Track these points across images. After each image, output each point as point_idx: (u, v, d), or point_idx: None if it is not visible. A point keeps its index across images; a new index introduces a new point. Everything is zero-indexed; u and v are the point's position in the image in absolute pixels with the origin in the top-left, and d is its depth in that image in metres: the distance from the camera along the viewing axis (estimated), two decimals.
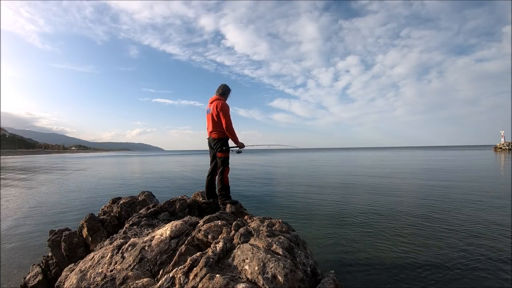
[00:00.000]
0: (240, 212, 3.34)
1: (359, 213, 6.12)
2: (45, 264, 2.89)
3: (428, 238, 4.42)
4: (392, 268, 3.35)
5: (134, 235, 2.47)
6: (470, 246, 4.02)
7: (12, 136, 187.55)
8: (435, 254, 3.75)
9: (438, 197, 7.78)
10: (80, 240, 2.98)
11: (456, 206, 6.64)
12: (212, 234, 2.14)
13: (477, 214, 5.81)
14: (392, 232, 4.76)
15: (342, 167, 21.25)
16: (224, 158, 3.50)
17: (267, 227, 2.20)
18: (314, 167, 21.84)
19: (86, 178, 15.54)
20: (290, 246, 1.89)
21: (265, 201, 7.86)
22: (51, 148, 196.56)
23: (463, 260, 3.54)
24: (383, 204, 7.04)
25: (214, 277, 1.53)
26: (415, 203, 7.09)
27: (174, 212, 3.23)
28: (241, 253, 1.76)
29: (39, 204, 7.95)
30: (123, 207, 3.52)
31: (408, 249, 3.96)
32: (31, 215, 6.60)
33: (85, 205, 7.60)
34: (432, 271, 3.26)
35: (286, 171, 18.21)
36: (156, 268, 1.90)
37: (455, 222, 5.25)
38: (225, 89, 3.63)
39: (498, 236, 4.43)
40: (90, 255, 2.27)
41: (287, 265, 1.60)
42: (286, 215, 6.09)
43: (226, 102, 3.51)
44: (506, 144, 51.48)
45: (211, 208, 3.55)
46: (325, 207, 6.82)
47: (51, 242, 2.92)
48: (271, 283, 1.49)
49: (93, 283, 1.78)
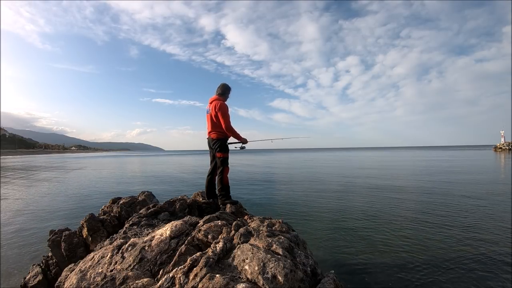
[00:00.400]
0: (240, 212, 3.34)
1: (359, 213, 6.12)
2: (45, 264, 2.89)
3: (428, 238, 4.42)
4: (392, 268, 3.35)
5: (134, 235, 2.47)
6: (470, 246, 4.02)
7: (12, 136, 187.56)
8: (435, 254, 3.75)
9: (438, 197, 7.78)
10: (80, 240, 2.98)
11: (456, 206, 6.64)
12: (212, 234, 2.14)
13: (477, 214, 5.81)
14: (392, 232, 4.76)
15: (342, 167, 21.25)
16: (223, 158, 3.50)
17: (267, 227, 2.20)
18: (314, 167, 21.84)
19: (86, 178, 15.53)
20: (290, 246, 1.89)
21: (265, 201, 7.87)
22: (51, 148, 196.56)
23: (463, 260, 3.54)
24: (383, 204, 7.04)
25: (214, 277, 1.52)
26: (415, 203, 7.09)
27: (174, 212, 3.23)
28: (241, 253, 1.76)
29: (39, 204, 7.95)
30: (123, 207, 3.52)
31: (408, 249, 3.96)
32: (31, 215, 6.60)
33: (85, 205, 7.60)
34: (432, 271, 3.26)
35: (286, 171, 18.21)
36: (156, 268, 1.90)
37: (455, 222, 5.25)
38: (224, 89, 3.61)
39: (498, 236, 4.43)
40: (90, 255, 2.27)
41: (287, 265, 1.60)
42: (286, 215, 6.09)
43: (224, 102, 3.50)
44: (506, 144, 51.47)
45: (211, 208, 3.54)
46: (325, 207, 6.82)
47: (51, 242, 2.92)
48: (271, 283, 1.49)
49: (93, 283, 1.78)
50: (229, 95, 3.71)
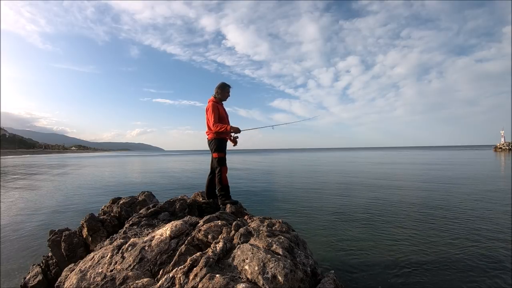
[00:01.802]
0: (240, 212, 3.34)
1: (359, 213, 6.12)
2: (45, 264, 2.89)
3: (429, 238, 4.42)
4: (392, 268, 3.35)
5: (134, 235, 2.47)
6: (471, 246, 4.02)
7: (12, 136, 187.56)
8: (435, 254, 3.75)
9: (438, 197, 7.78)
10: (80, 240, 2.97)
11: (456, 206, 6.64)
12: (212, 234, 2.14)
13: (477, 215, 5.81)
14: (392, 232, 4.76)
15: (342, 167, 21.24)
16: (219, 158, 3.49)
17: (267, 227, 2.20)
18: (313, 167, 21.84)
19: (85, 178, 15.54)
20: (290, 246, 1.89)
21: (265, 201, 7.87)
22: (51, 148, 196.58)
23: (463, 260, 3.54)
24: (383, 204, 7.04)
25: (214, 277, 1.52)
26: (415, 203, 7.09)
27: (174, 212, 3.23)
28: (241, 253, 1.76)
29: (39, 204, 7.95)
30: (123, 207, 3.51)
31: (408, 249, 3.96)
32: (31, 215, 6.60)
33: (85, 205, 7.60)
34: (432, 271, 3.26)
35: (285, 171, 18.21)
36: (156, 268, 1.89)
37: (456, 222, 5.25)
38: (219, 88, 3.60)
39: (499, 236, 4.43)
40: (90, 255, 2.27)
41: (287, 265, 1.60)
42: (286, 215, 6.09)
43: (214, 102, 3.50)
44: (506, 144, 51.46)
45: (211, 208, 3.54)
46: (325, 207, 6.82)
47: (51, 242, 2.91)
48: (271, 283, 1.49)
49: (93, 283, 1.78)
50: (229, 94, 3.68)
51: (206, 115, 3.55)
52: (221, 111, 3.54)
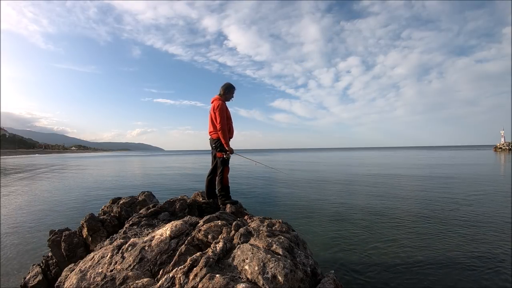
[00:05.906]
0: (240, 212, 3.34)
1: (359, 213, 6.11)
2: (45, 264, 2.89)
3: (429, 238, 4.42)
4: (392, 268, 3.35)
5: (134, 235, 2.47)
6: (471, 246, 4.01)
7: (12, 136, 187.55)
8: (436, 254, 3.75)
9: (438, 197, 7.78)
10: (80, 240, 2.97)
11: (456, 206, 6.64)
12: (212, 234, 2.14)
13: (477, 214, 5.81)
14: (392, 232, 4.75)
15: (342, 167, 21.24)
16: (224, 158, 3.49)
17: (267, 227, 2.20)
18: (313, 167, 21.83)
19: (85, 178, 15.53)
20: (290, 246, 1.89)
21: (265, 201, 7.86)
22: (51, 148, 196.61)
23: (463, 260, 3.54)
24: (383, 204, 7.04)
25: (214, 277, 1.52)
26: (415, 203, 7.09)
27: (174, 212, 3.23)
28: (241, 253, 1.76)
29: (39, 204, 7.95)
30: (123, 207, 3.52)
31: (408, 249, 3.96)
32: (31, 215, 6.60)
33: (85, 205, 7.60)
34: (433, 271, 3.25)
35: (285, 171, 18.20)
36: (156, 268, 1.89)
37: (456, 222, 5.25)
38: (225, 88, 3.58)
39: (499, 236, 4.42)
40: (90, 255, 2.27)
41: (287, 265, 1.60)
42: (286, 215, 6.09)
43: (224, 102, 3.48)
44: (506, 144, 51.45)
45: (211, 208, 3.54)
46: (325, 207, 6.82)
47: (51, 242, 2.91)
48: (271, 283, 1.49)
49: (93, 283, 1.78)
50: (233, 95, 3.68)
51: (213, 113, 3.44)
52: (227, 112, 3.53)
